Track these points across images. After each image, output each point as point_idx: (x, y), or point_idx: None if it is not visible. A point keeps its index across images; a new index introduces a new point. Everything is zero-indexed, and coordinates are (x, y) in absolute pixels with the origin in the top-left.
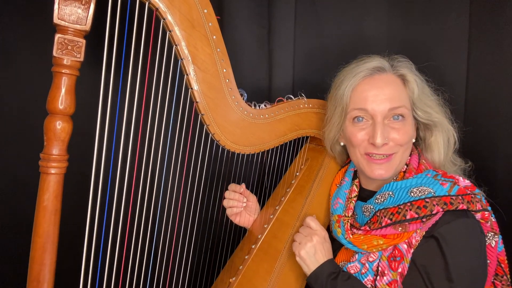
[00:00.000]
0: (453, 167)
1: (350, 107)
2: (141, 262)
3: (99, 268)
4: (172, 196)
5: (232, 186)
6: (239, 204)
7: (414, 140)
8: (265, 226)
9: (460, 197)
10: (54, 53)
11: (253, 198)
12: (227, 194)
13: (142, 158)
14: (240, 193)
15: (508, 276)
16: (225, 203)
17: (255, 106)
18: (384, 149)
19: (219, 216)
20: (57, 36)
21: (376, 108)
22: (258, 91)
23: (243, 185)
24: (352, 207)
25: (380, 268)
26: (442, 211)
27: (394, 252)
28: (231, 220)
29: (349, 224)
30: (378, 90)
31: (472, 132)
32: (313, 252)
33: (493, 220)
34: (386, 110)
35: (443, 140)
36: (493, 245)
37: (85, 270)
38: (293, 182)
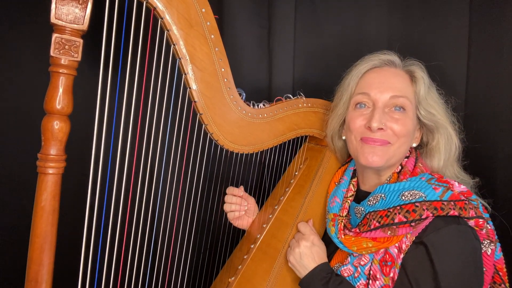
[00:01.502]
0: (455, 180)
1: (355, 92)
2: (140, 262)
3: (97, 268)
4: (170, 196)
5: (230, 189)
6: (240, 208)
7: (415, 145)
8: (264, 226)
9: (452, 203)
10: (52, 53)
11: (251, 200)
12: (227, 198)
13: (140, 157)
14: (240, 197)
15: (507, 284)
16: (226, 207)
17: (253, 105)
18: (379, 135)
19: (218, 216)
20: (54, 35)
21: (379, 94)
22: (258, 91)
23: (242, 188)
24: (347, 207)
25: (372, 272)
26: (432, 216)
27: (385, 256)
28: (229, 220)
29: (342, 224)
30: (384, 78)
31: (472, 134)
32: (299, 257)
33: (490, 228)
34: (387, 98)
35: (444, 146)
36: (489, 253)
37: (84, 270)
38: (292, 181)
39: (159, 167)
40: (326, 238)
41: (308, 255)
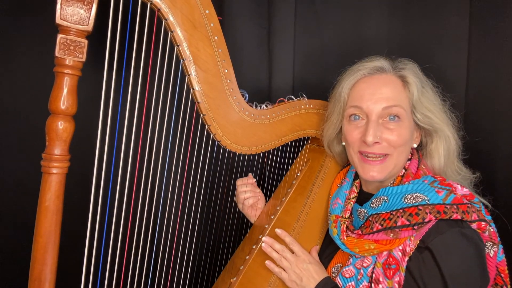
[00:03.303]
0: (457, 176)
1: (348, 104)
2: (143, 262)
3: (100, 268)
4: (173, 196)
5: (240, 180)
6: (255, 194)
7: (415, 145)
8: (266, 226)
9: (455, 206)
10: (57, 53)
11: (260, 190)
12: (240, 188)
13: (143, 158)
14: (252, 184)
15: (509, 286)
16: (241, 196)
17: (256, 106)
18: (376, 148)
19: (220, 216)
20: (59, 36)
21: (371, 106)
22: (258, 91)
23: (250, 175)
24: (350, 209)
25: (374, 275)
26: (435, 220)
27: (388, 259)
28: (231, 221)
29: (345, 225)
30: (375, 89)
31: (472, 133)
32: (299, 280)
33: (492, 230)
34: (380, 109)
35: (443, 148)
36: (491, 255)
37: (86, 269)
38: (294, 182)
39: (162, 167)
40: (327, 238)
41: (307, 275)
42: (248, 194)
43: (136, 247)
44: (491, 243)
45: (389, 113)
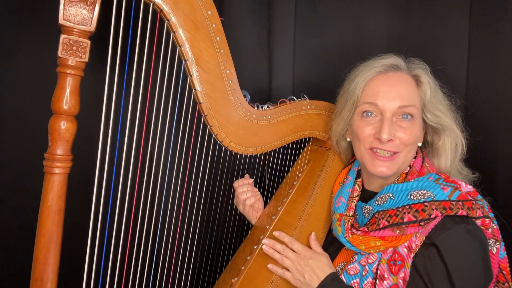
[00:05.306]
0: (459, 176)
1: (361, 100)
2: (144, 262)
3: (102, 268)
4: (175, 196)
5: (237, 181)
6: (255, 194)
7: (420, 144)
8: (267, 227)
9: (460, 203)
10: (59, 54)
11: (256, 189)
12: (239, 188)
13: (145, 158)
14: (250, 184)
15: (510, 283)
16: (241, 196)
17: (257, 107)
18: (389, 146)
19: (221, 216)
20: (62, 36)
21: (386, 104)
22: (258, 91)
23: (247, 176)
24: (354, 207)
25: (379, 272)
26: (441, 216)
27: (394, 255)
28: (232, 221)
29: (349, 223)
30: (390, 86)
31: (472, 133)
32: (302, 278)
33: (495, 227)
34: (395, 107)
35: (451, 146)
36: (494, 252)
37: (88, 269)
38: (295, 183)
39: (164, 167)
40: (328, 238)
41: (309, 272)
42: (248, 194)
43: (138, 246)
44: (493, 240)
45: (404, 112)
